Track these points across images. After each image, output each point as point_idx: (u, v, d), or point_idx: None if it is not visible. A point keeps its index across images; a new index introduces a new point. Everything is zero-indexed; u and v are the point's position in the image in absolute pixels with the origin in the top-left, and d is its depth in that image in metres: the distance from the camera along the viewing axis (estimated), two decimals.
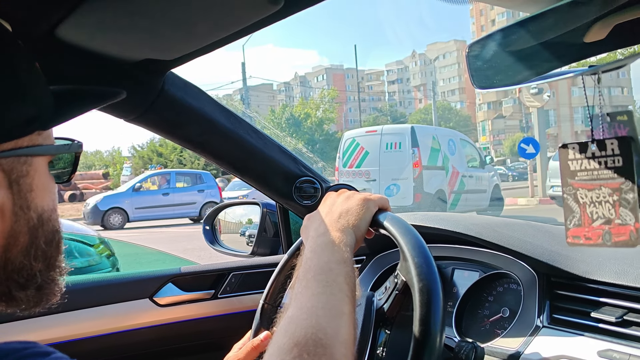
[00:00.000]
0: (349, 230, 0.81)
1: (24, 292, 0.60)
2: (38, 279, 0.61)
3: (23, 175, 0.59)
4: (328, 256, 0.75)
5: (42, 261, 0.62)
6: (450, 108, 67.33)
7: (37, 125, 0.60)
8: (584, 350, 0.88)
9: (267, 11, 0.81)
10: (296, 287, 0.72)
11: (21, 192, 0.59)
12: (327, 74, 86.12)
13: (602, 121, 0.85)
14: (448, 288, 1.19)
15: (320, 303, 0.67)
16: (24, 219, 0.59)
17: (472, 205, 11.57)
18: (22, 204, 0.59)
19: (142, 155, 33.53)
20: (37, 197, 0.60)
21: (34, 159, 0.60)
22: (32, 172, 0.60)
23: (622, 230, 0.78)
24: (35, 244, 0.61)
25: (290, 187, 1.43)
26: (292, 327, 0.62)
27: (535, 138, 13.60)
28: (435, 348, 0.70)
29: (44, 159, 0.63)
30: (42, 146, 0.61)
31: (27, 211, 0.59)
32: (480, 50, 0.87)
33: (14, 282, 0.59)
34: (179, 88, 1.16)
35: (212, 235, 1.74)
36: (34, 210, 0.60)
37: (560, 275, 1.01)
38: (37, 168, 0.61)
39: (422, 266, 0.75)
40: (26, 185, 0.59)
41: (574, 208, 0.83)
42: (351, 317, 0.68)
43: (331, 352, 0.59)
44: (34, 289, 0.61)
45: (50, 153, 0.64)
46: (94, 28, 0.87)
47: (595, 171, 0.80)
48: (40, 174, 0.61)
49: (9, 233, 0.58)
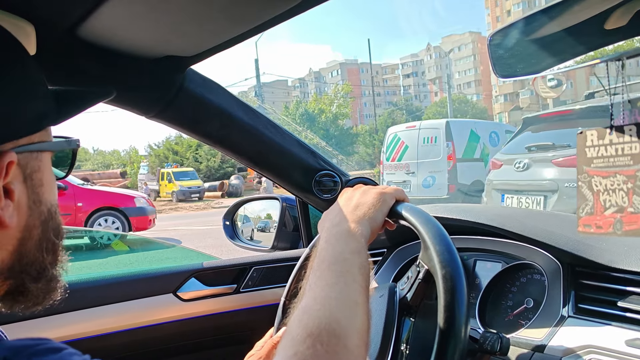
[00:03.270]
0: (364, 221, 0.81)
1: (35, 285, 0.62)
2: (49, 272, 0.63)
3: (35, 171, 0.61)
4: (342, 246, 0.75)
5: (52, 254, 0.64)
6: (466, 101, 66.67)
7: (48, 121, 0.62)
8: (611, 339, 0.87)
9: (286, 6, 0.81)
10: (310, 278, 0.72)
11: (34, 186, 0.61)
12: (341, 68, 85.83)
13: (624, 108, 0.84)
14: (470, 279, 1.19)
15: (333, 293, 0.66)
16: (37, 213, 0.61)
17: None
18: (35, 199, 0.61)
19: (159, 153, 33.85)
20: (46, 192, 0.63)
21: (43, 155, 0.62)
22: (42, 167, 0.62)
23: (633, 219, 0.77)
24: (46, 237, 0.63)
25: (309, 180, 1.43)
26: (306, 318, 0.62)
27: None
28: (462, 334, 0.70)
29: (50, 154, 0.65)
30: (51, 142, 0.64)
31: (39, 205, 0.61)
32: (502, 39, 0.86)
33: (27, 275, 0.61)
34: (198, 84, 1.17)
35: (232, 230, 1.75)
36: (45, 204, 0.62)
37: (585, 264, 1.00)
38: (46, 163, 0.63)
39: (444, 253, 0.75)
40: (37, 180, 0.61)
41: (587, 196, 0.82)
42: (365, 307, 0.67)
43: (344, 343, 0.59)
44: (45, 281, 0.63)
45: (57, 148, 0.67)
46: (115, 26, 0.88)
47: (611, 158, 0.79)
48: (48, 169, 0.63)
49: (25, 227, 0.60)
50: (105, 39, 0.93)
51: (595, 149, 0.82)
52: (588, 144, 0.84)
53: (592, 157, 0.83)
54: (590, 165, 0.83)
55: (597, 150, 0.82)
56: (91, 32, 0.89)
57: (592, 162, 0.83)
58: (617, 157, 0.78)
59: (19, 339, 0.50)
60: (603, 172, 0.81)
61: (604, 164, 0.81)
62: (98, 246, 7.29)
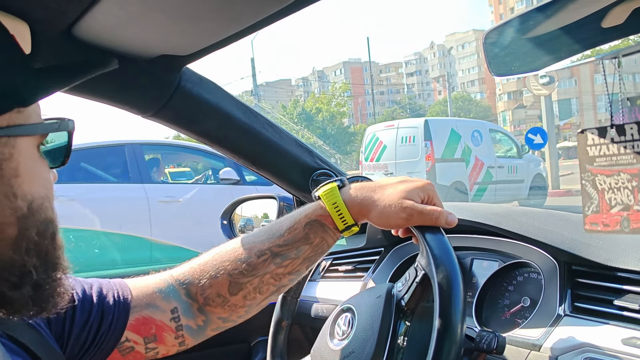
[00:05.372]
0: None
1: (18, 292, 0.55)
2: (33, 276, 0.55)
3: (5, 159, 0.53)
4: None
5: (35, 256, 0.56)
6: (470, 99, 66.56)
7: (13, 102, 0.54)
8: (607, 338, 0.87)
9: (282, 3, 0.81)
10: None
11: (4, 177, 0.53)
12: (344, 67, 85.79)
13: (623, 106, 0.84)
14: (467, 278, 1.19)
15: None
16: (9, 208, 0.54)
17: (507, 196, 11.59)
18: (6, 191, 0.53)
19: None
20: (25, 183, 0.55)
21: (17, 140, 0.55)
22: (16, 155, 0.54)
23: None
24: (25, 237, 0.55)
25: (307, 180, 1.43)
26: None
27: (544, 128, 13.35)
28: (457, 339, 0.70)
29: (31, 140, 0.57)
30: (24, 126, 0.56)
31: (14, 199, 0.54)
32: (498, 37, 0.86)
33: (4, 281, 0.54)
34: (195, 83, 1.17)
35: (229, 229, 1.75)
36: (22, 197, 0.55)
37: (581, 263, 0.99)
38: (21, 151, 0.55)
39: (442, 258, 0.75)
40: (10, 169, 0.54)
41: (592, 194, 0.82)
42: None
43: None
44: (30, 287, 0.55)
45: (36, 133, 0.58)
46: (111, 25, 0.88)
47: (614, 156, 0.79)
48: (27, 157, 0.56)
49: None
50: (101, 38, 0.93)
51: (596, 148, 0.82)
52: (589, 143, 0.84)
53: (594, 156, 0.83)
54: (592, 163, 0.83)
55: (599, 149, 0.82)
56: (87, 31, 0.89)
57: (595, 161, 0.83)
58: (619, 156, 0.78)
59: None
60: (606, 171, 0.81)
61: (606, 162, 0.81)
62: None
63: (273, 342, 1.19)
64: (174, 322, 0.83)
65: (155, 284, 0.86)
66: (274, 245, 0.85)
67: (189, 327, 0.85)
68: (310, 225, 0.85)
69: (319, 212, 0.85)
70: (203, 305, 0.86)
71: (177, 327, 0.84)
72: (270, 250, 0.85)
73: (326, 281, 1.51)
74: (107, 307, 0.79)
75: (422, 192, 0.83)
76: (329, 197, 0.85)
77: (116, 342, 0.79)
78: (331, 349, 0.92)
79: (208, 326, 0.87)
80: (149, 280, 0.87)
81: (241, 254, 0.86)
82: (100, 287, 0.81)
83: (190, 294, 0.86)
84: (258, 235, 0.88)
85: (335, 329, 0.95)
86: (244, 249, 0.86)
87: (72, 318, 0.75)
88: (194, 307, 0.86)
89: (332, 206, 0.84)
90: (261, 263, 0.85)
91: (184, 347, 0.86)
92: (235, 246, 0.88)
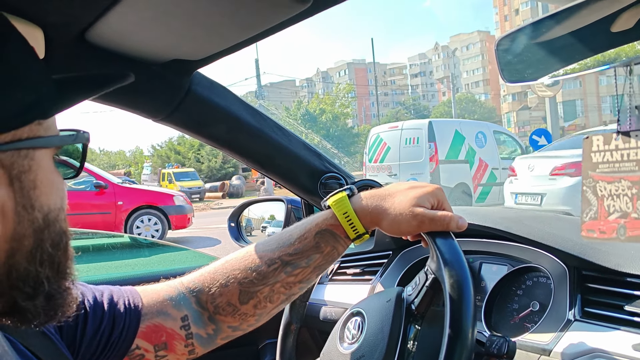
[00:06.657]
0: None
1: (32, 303, 0.55)
2: (46, 287, 0.56)
3: (25, 171, 0.53)
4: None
5: (49, 267, 0.56)
6: (474, 100, 66.48)
7: (36, 114, 0.54)
8: (618, 343, 0.87)
9: (295, 10, 0.81)
10: None
11: (24, 189, 0.53)
12: (349, 68, 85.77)
13: (631, 114, 0.84)
14: (476, 282, 1.19)
15: None
16: (28, 220, 0.54)
17: None
18: (25, 203, 0.53)
19: (161, 154, 34.10)
20: (42, 195, 0.55)
21: (36, 153, 0.55)
22: (34, 167, 0.54)
23: (637, 225, 0.77)
24: (41, 248, 0.55)
25: (315, 183, 1.43)
26: None
27: (548, 129, 13.28)
28: (468, 344, 0.70)
29: (48, 152, 0.57)
30: (44, 138, 0.56)
31: (32, 211, 0.54)
32: (510, 44, 0.86)
33: (19, 292, 0.54)
34: (205, 87, 1.17)
35: (237, 232, 1.75)
36: (39, 209, 0.55)
37: (591, 268, 1.00)
38: (40, 162, 0.55)
39: (453, 262, 0.75)
40: (29, 181, 0.54)
41: (591, 201, 0.82)
42: None
43: None
44: (43, 298, 0.55)
45: (54, 145, 0.58)
46: (124, 30, 0.89)
47: (617, 163, 0.79)
48: (44, 169, 0.56)
49: (12, 236, 0.53)
50: (114, 43, 0.94)
51: (601, 154, 0.83)
52: (594, 149, 0.84)
53: (597, 162, 0.83)
54: (595, 170, 0.83)
55: (603, 155, 0.82)
56: (100, 36, 0.90)
57: (598, 167, 0.83)
58: (622, 163, 0.78)
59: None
60: (608, 178, 0.81)
61: (609, 169, 0.81)
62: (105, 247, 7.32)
63: (282, 345, 1.19)
64: (184, 330, 0.83)
65: (166, 291, 0.86)
66: (284, 254, 0.86)
67: (199, 336, 0.85)
68: (321, 235, 0.85)
69: (330, 222, 0.86)
70: (213, 314, 0.86)
71: (187, 335, 0.84)
72: (281, 259, 0.85)
73: (334, 284, 1.51)
74: (118, 314, 0.79)
75: (432, 198, 0.83)
76: (339, 207, 0.85)
77: (127, 350, 0.79)
78: (341, 352, 0.93)
79: (218, 335, 0.87)
80: (160, 288, 0.87)
81: (252, 263, 0.86)
82: (111, 295, 0.81)
83: (200, 303, 0.86)
84: (268, 243, 0.88)
85: (345, 333, 0.95)
86: (255, 257, 0.87)
87: (83, 325, 0.76)
88: (204, 315, 0.86)
89: (343, 216, 0.84)
90: (272, 272, 0.85)
91: (193, 356, 0.85)
92: (245, 255, 0.88)
